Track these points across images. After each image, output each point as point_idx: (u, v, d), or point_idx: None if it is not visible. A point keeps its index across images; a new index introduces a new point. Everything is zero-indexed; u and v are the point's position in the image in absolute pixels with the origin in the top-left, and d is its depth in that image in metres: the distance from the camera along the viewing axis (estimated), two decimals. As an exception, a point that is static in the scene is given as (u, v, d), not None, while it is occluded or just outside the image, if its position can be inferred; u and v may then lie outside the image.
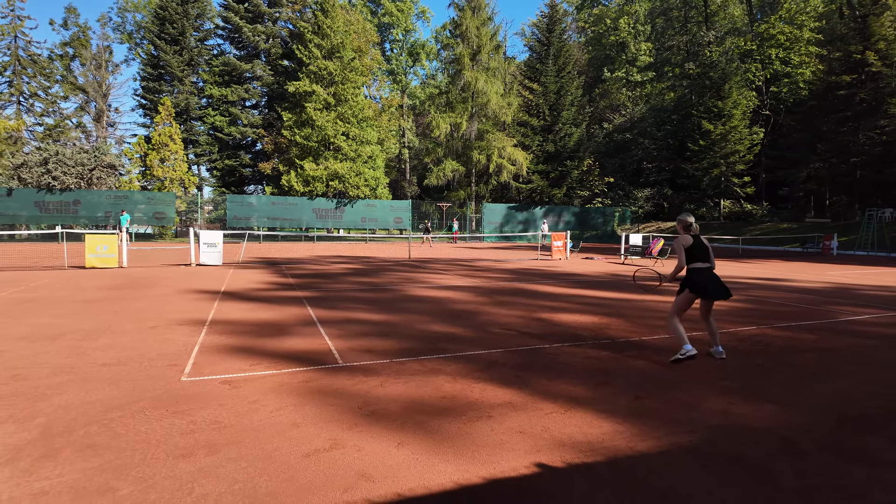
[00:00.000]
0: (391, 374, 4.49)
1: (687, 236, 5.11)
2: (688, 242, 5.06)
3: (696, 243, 5.06)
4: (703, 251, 5.07)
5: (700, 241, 5.08)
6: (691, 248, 5.06)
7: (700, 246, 5.07)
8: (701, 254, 5.06)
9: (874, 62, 30.50)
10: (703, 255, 5.06)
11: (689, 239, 5.07)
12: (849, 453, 3.05)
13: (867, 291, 10.87)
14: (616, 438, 3.20)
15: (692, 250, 5.06)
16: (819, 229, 30.45)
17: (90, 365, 4.62)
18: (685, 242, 5.07)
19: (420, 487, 2.58)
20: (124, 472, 2.69)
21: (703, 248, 5.07)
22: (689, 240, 5.07)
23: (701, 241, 5.09)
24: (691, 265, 5.06)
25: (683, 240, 5.09)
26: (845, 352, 5.54)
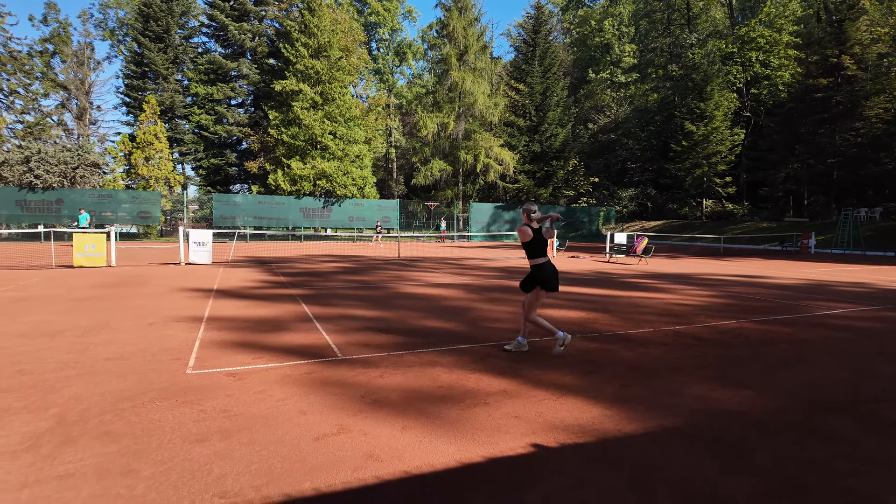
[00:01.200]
0: (389, 365, 4.67)
1: (527, 227, 4.93)
2: (527, 235, 4.91)
3: (536, 236, 4.93)
4: (543, 243, 4.97)
5: (540, 234, 4.97)
6: (532, 242, 4.92)
7: (539, 238, 4.96)
8: (541, 246, 4.94)
9: (850, 66, 31.34)
10: (542, 247, 4.96)
11: (529, 231, 4.91)
12: (817, 433, 3.32)
13: (841, 288, 11.31)
14: (605, 422, 3.43)
15: (532, 244, 4.93)
16: (797, 228, 31.26)
17: (94, 359, 4.73)
18: (524, 235, 4.92)
19: (425, 465, 2.78)
20: (143, 456, 2.84)
21: (542, 241, 4.97)
22: (529, 232, 4.91)
23: (541, 234, 4.97)
24: (534, 260, 4.97)
25: (524, 231, 4.93)
26: (818, 343, 5.85)
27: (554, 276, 4.96)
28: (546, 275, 4.92)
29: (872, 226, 29.16)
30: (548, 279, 4.92)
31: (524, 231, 4.91)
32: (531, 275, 5.02)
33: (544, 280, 4.92)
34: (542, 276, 4.92)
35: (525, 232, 4.90)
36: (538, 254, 4.96)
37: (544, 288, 4.97)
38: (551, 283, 4.94)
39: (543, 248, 4.96)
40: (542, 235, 4.98)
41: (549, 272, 4.94)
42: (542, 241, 4.97)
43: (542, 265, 4.94)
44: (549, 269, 4.96)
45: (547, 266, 4.96)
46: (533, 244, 4.92)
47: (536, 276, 4.97)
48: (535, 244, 4.94)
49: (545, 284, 4.93)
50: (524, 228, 4.92)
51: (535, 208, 4.99)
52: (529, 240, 4.88)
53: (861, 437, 3.25)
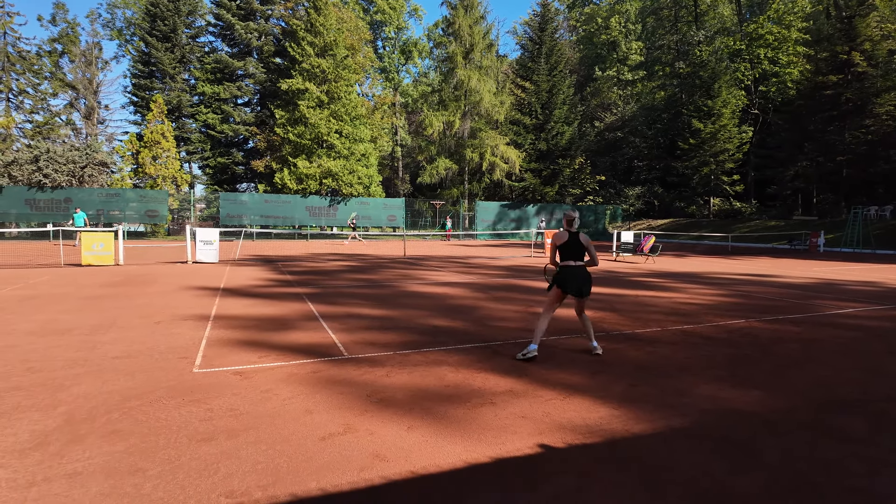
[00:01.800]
0: (395, 364, 4.66)
1: (563, 232, 5.11)
2: (561, 239, 5.07)
3: (572, 240, 5.05)
4: (578, 249, 5.05)
5: (577, 239, 5.06)
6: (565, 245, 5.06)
7: (575, 243, 5.05)
8: (573, 251, 5.05)
9: (860, 62, 31.03)
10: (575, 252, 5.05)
11: (565, 235, 5.07)
12: (828, 432, 3.28)
13: (851, 287, 11.20)
14: (613, 422, 3.40)
15: (565, 247, 5.06)
16: (806, 227, 30.99)
17: (102, 358, 4.75)
18: (559, 239, 5.08)
19: (432, 466, 2.76)
20: (150, 455, 2.85)
21: (577, 246, 5.05)
22: (564, 236, 5.07)
23: (577, 239, 5.06)
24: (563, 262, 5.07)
25: (559, 235, 5.10)
26: (828, 343, 5.79)
27: (574, 279, 5.00)
28: (565, 276, 5.01)
29: (882, 224, 28.86)
30: (566, 280, 5.00)
31: (560, 235, 5.09)
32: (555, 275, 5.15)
33: (562, 280, 5.01)
34: (561, 277, 5.02)
35: (561, 236, 5.09)
36: (568, 257, 5.05)
37: (560, 287, 5.02)
38: (570, 284, 4.99)
39: (576, 254, 5.05)
40: (580, 240, 5.07)
41: (570, 274, 5.01)
42: (576, 246, 5.06)
43: (567, 267, 5.03)
44: (572, 272, 5.02)
45: (572, 269, 5.03)
46: (566, 246, 5.05)
47: (557, 276, 5.08)
48: (567, 247, 5.05)
49: (563, 285, 5.01)
50: (561, 232, 5.11)
51: (576, 215, 5.17)
52: (563, 242, 5.05)
53: (873, 437, 3.21)
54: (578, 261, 5.05)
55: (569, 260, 5.03)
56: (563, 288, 5.01)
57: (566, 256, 5.04)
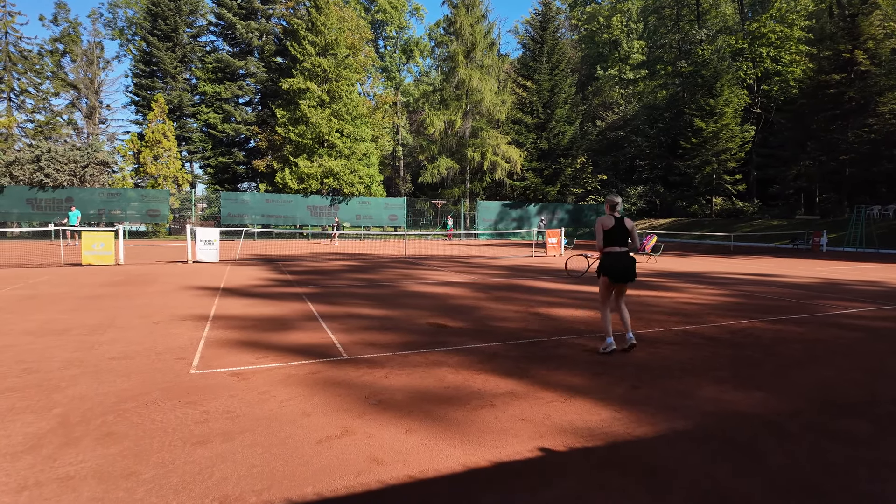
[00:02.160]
0: (395, 366, 4.61)
1: (608, 217, 5.07)
2: (607, 224, 5.03)
3: (617, 225, 5.03)
4: (622, 234, 5.04)
5: (622, 224, 5.05)
6: (610, 231, 5.03)
7: (620, 228, 5.04)
8: (618, 236, 5.03)
9: (863, 61, 30.90)
10: (620, 237, 5.04)
11: (610, 221, 5.03)
12: (832, 435, 3.22)
13: (855, 286, 11.12)
14: (614, 424, 3.35)
15: (610, 232, 5.04)
16: (809, 226, 30.88)
17: (99, 358, 4.71)
18: (605, 224, 5.04)
19: (430, 470, 2.72)
20: (144, 458, 2.81)
21: (622, 231, 5.04)
22: (610, 221, 5.03)
23: (623, 224, 5.05)
24: (607, 248, 5.07)
25: (604, 220, 5.06)
26: (832, 343, 5.73)
27: (619, 264, 4.99)
28: (610, 262, 5.00)
29: (886, 223, 28.73)
30: (611, 266, 4.99)
31: (606, 220, 5.04)
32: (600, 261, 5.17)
33: (607, 266, 5.01)
34: (607, 262, 5.03)
35: (607, 221, 5.03)
36: (612, 242, 5.04)
37: (606, 275, 5.04)
38: (615, 270, 4.99)
39: (621, 239, 5.03)
40: (625, 225, 5.04)
41: (615, 259, 5.00)
42: (621, 231, 5.03)
43: (610, 253, 5.03)
44: (617, 257, 5.01)
45: (617, 254, 5.01)
46: (611, 232, 5.02)
47: (601, 262, 5.10)
48: (613, 232, 5.03)
49: (607, 272, 5.02)
50: (606, 217, 5.06)
51: (619, 199, 5.13)
52: (609, 228, 5.00)
53: (879, 441, 3.15)
54: (623, 246, 5.05)
55: (614, 245, 5.05)
56: (609, 275, 5.04)
57: (611, 241, 5.05)
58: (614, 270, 4.99)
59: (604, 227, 5.03)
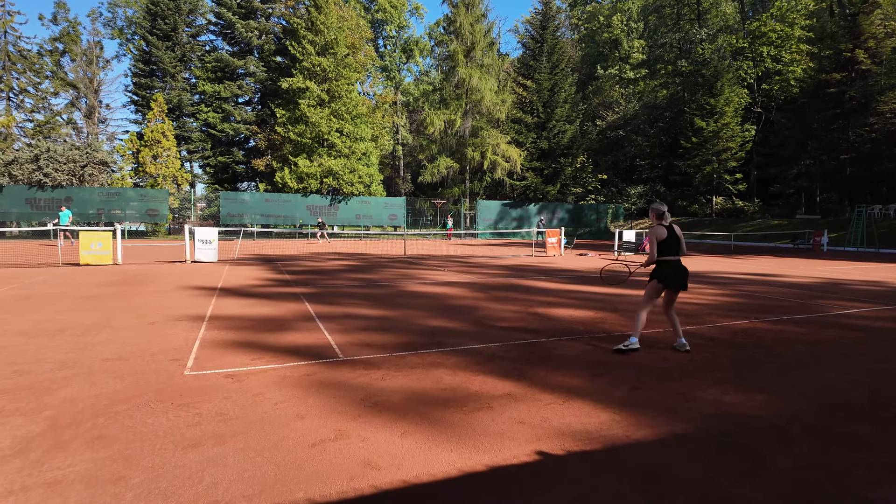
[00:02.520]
0: (391, 367, 4.56)
1: (661, 227, 5.03)
2: (661, 235, 4.99)
3: (670, 235, 5.01)
4: (675, 242, 5.02)
5: (673, 232, 5.03)
6: (665, 241, 4.99)
7: (673, 237, 5.01)
8: (672, 246, 5.01)
9: (863, 60, 30.82)
10: (674, 246, 5.02)
11: (663, 231, 5.00)
12: (834, 438, 3.17)
13: (856, 286, 11.06)
14: (613, 427, 3.30)
15: (665, 243, 5.00)
16: (809, 226, 30.81)
17: (93, 359, 4.66)
18: (659, 235, 5.00)
19: (425, 475, 2.66)
20: (134, 462, 2.75)
21: (675, 240, 5.02)
22: (663, 232, 5.00)
23: (674, 232, 5.03)
24: (662, 257, 5.02)
25: (657, 231, 5.03)
26: (834, 344, 5.67)
27: (678, 275, 4.99)
28: (668, 272, 4.98)
29: (887, 223, 28.66)
30: (670, 276, 4.98)
31: (659, 231, 5.01)
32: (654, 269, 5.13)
33: (666, 276, 4.97)
34: (663, 272, 4.99)
35: (660, 231, 5.00)
36: (668, 252, 5.00)
37: (664, 283, 5.00)
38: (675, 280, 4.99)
39: (676, 248, 5.01)
40: (676, 234, 5.02)
41: (673, 269, 4.99)
42: (674, 240, 5.00)
43: (668, 262, 5.00)
44: (674, 267, 5.00)
45: (673, 264, 5.00)
46: (666, 242, 4.99)
47: (658, 270, 5.05)
48: (667, 242, 4.99)
49: (667, 281, 4.98)
50: (659, 228, 5.02)
51: (664, 208, 5.11)
52: (663, 239, 4.96)
53: (883, 444, 3.10)
54: (677, 255, 5.03)
55: (669, 255, 5.01)
56: (668, 284, 5.02)
57: (667, 252, 5.01)
58: (674, 280, 4.99)
59: (658, 237, 4.99)
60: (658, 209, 5.06)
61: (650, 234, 5.06)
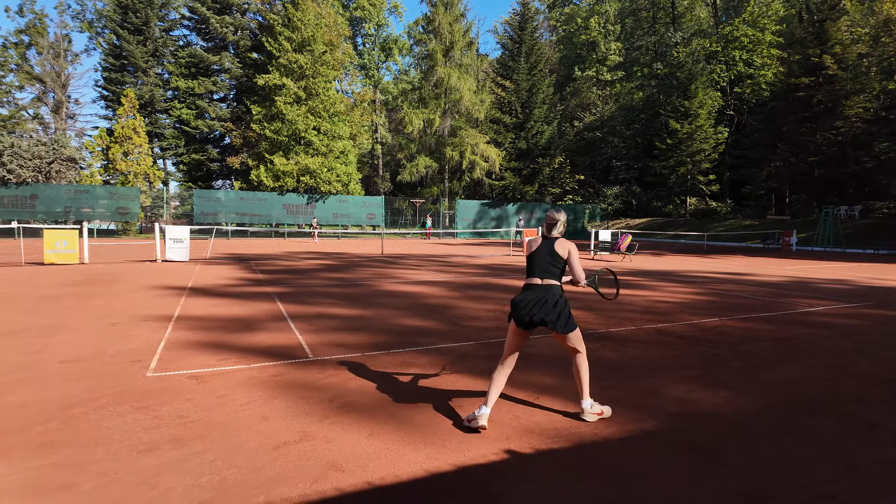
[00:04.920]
0: (362, 367, 4.48)
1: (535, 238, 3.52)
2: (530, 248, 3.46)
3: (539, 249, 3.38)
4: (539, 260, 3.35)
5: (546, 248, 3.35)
6: (530, 256, 3.42)
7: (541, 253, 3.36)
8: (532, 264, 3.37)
9: (830, 65, 31.72)
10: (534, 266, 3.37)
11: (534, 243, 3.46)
12: (795, 435, 3.21)
13: (822, 284, 11.36)
14: (582, 425, 3.29)
15: (530, 258, 3.41)
16: (779, 226, 31.61)
17: (47, 362, 4.48)
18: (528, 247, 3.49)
19: (390, 476, 2.61)
20: (85, 468, 2.63)
21: (541, 256, 3.34)
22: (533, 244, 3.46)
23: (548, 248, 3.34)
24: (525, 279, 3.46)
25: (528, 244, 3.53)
26: (800, 341, 5.79)
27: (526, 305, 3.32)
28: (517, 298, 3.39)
29: (852, 223, 29.57)
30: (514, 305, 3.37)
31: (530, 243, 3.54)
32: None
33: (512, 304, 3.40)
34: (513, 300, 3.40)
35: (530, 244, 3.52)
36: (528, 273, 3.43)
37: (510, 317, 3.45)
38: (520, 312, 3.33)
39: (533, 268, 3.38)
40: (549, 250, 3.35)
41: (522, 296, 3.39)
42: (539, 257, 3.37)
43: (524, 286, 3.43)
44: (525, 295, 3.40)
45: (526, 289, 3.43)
46: (528, 259, 3.46)
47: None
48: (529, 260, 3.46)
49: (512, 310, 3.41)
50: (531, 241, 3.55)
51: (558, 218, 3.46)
52: (529, 254, 3.45)
53: (840, 440, 3.15)
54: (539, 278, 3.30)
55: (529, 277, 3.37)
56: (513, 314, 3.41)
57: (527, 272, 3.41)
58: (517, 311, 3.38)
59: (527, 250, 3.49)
60: (549, 217, 3.47)
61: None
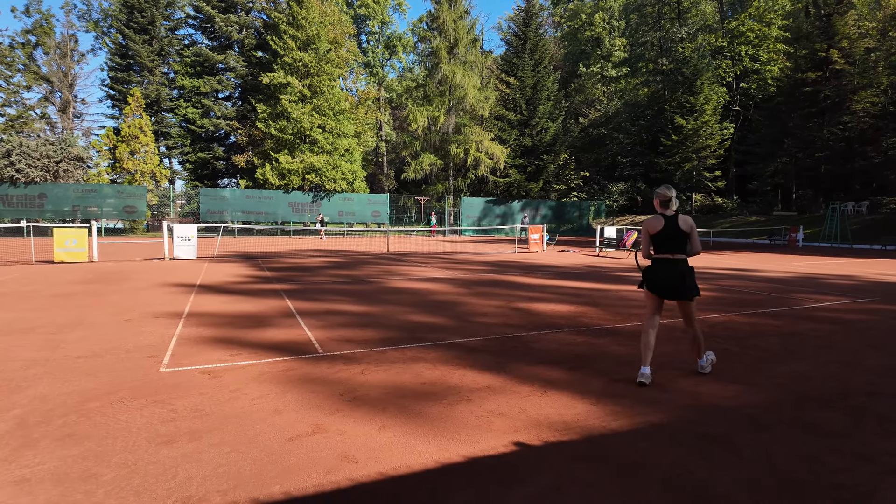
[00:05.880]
0: (372, 362, 4.54)
1: (656, 218, 4.07)
2: (653, 228, 4.00)
3: (666, 227, 3.96)
4: (673, 238, 3.97)
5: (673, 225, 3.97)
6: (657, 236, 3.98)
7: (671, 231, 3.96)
8: (667, 242, 3.97)
9: (837, 60, 31.52)
10: (670, 243, 3.98)
11: (658, 223, 4.00)
12: (807, 428, 3.24)
13: (829, 280, 11.33)
14: (590, 418, 3.33)
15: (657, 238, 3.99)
16: (786, 222, 31.46)
17: (65, 357, 4.56)
18: (651, 227, 4.04)
19: (402, 467, 2.66)
20: (106, 459, 2.70)
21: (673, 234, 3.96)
22: (657, 224, 4.00)
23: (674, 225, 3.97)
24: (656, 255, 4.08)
25: (649, 223, 4.07)
26: (807, 336, 5.80)
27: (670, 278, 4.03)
28: (655, 274, 4.08)
29: (859, 219, 29.41)
30: (655, 279, 4.08)
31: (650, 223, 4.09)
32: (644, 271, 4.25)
33: (650, 280, 4.10)
34: (648, 275, 4.12)
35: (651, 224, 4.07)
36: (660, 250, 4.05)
37: (650, 289, 4.14)
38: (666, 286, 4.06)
39: (670, 245, 4.00)
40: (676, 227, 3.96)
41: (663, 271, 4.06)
42: (672, 235, 3.96)
43: (659, 262, 4.07)
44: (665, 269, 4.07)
45: (664, 264, 4.06)
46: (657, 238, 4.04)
47: (645, 274, 4.18)
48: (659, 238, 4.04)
49: (652, 286, 4.11)
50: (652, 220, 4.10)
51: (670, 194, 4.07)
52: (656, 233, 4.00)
53: (852, 432, 3.18)
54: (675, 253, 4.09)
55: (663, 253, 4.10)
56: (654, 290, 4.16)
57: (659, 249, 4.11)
58: (660, 285, 4.10)
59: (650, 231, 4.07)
60: (662, 194, 4.04)
61: (643, 224, 4.15)
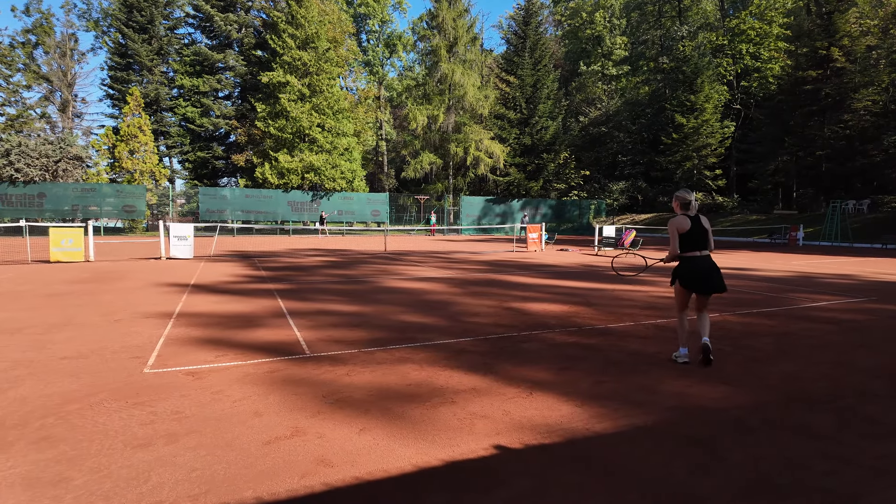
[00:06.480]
0: (359, 363, 4.50)
1: (683, 217, 4.46)
2: (683, 226, 4.42)
3: (695, 226, 4.42)
4: (702, 236, 4.45)
5: (699, 224, 4.45)
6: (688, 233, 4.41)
7: (699, 229, 4.44)
8: (698, 239, 4.43)
9: (838, 58, 31.39)
10: (700, 240, 4.44)
11: (686, 222, 4.43)
12: (794, 430, 3.19)
13: (827, 280, 11.27)
14: (574, 420, 3.29)
15: (688, 235, 4.41)
16: (786, 221, 31.34)
17: (50, 358, 4.53)
18: (681, 226, 4.42)
19: (379, 471, 2.62)
20: (79, 463, 2.66)
21: (701, 232, 4.45)
22: (686, 223, 4.42)
23: (700, 224, 4.46)
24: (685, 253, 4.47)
25: (679, 222, 4.44)
26: (801, 336, 5.75)
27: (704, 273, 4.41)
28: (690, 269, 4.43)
29: (860, 218, 29.29)
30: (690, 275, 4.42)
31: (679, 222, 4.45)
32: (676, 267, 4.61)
33: (684, 275, 4.45)
34: (682, 271, 4.47)
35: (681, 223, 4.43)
36: (691, 247, 4.44)
37: (683, 284, 4.47)
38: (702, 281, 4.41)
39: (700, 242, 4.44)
40: (703, 226, 4.44)
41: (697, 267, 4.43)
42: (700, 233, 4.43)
43: (689, 258, 4.45)
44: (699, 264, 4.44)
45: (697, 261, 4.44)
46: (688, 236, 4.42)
47: (678, 269, 4.53)
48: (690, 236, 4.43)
49: (686, 281, 4.44)
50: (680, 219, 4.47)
51: (690, 198, 4.52)
52: (685, 231, 4.40)
53: (839, 435, 3.13)
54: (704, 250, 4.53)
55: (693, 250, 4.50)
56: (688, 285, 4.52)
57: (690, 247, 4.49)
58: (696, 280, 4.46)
59: (680, 229, 4.43)
60: (682, 198, 4.47)
61: (670, 224, 4.47)
